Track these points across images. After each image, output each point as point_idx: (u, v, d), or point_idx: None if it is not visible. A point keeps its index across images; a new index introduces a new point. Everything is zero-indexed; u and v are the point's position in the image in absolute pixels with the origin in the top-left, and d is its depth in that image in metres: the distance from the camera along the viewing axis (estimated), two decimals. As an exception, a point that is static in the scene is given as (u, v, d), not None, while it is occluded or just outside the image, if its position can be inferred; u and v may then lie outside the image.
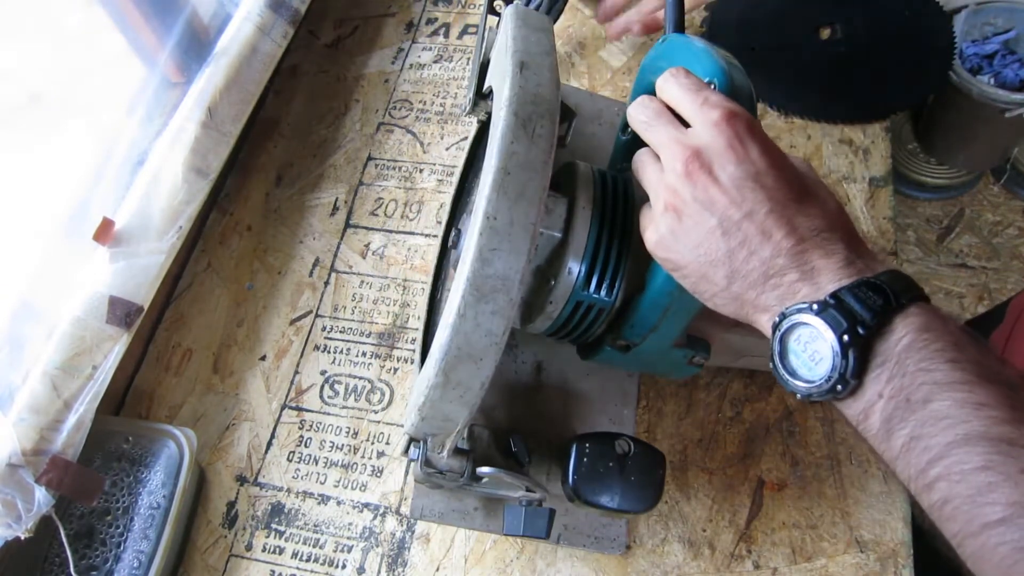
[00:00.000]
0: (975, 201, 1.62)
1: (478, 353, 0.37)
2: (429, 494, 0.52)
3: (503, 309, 0.36)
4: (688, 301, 0.41)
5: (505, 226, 0.36)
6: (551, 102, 0.39)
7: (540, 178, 0.37)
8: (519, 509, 0.47)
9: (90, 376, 0.55)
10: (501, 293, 0.36)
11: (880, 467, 0.56)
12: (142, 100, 0.67)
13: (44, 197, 0.60)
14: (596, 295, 0.44)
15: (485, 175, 0.37)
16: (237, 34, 0.69)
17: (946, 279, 1.53)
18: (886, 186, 0.68)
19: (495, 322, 0.36)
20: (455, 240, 0.48)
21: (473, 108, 0.54)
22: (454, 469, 0.44)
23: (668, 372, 0.51)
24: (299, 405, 0.63)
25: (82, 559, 0.54)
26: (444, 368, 0.37)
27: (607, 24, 0.75)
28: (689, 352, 0.48)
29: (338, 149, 0.77)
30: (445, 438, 0.42)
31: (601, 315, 0.45)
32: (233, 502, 0.59)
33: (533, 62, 0.40)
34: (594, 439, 0.47)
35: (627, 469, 0.46)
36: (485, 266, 0.36)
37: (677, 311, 0.43)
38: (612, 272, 0.43)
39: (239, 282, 0.70)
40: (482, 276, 0.36)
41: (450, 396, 0.38)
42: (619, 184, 0.46)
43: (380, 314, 0.66)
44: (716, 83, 0.40)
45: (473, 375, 0.37)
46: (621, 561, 0.54)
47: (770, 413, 0.59)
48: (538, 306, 0.45)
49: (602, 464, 0.46)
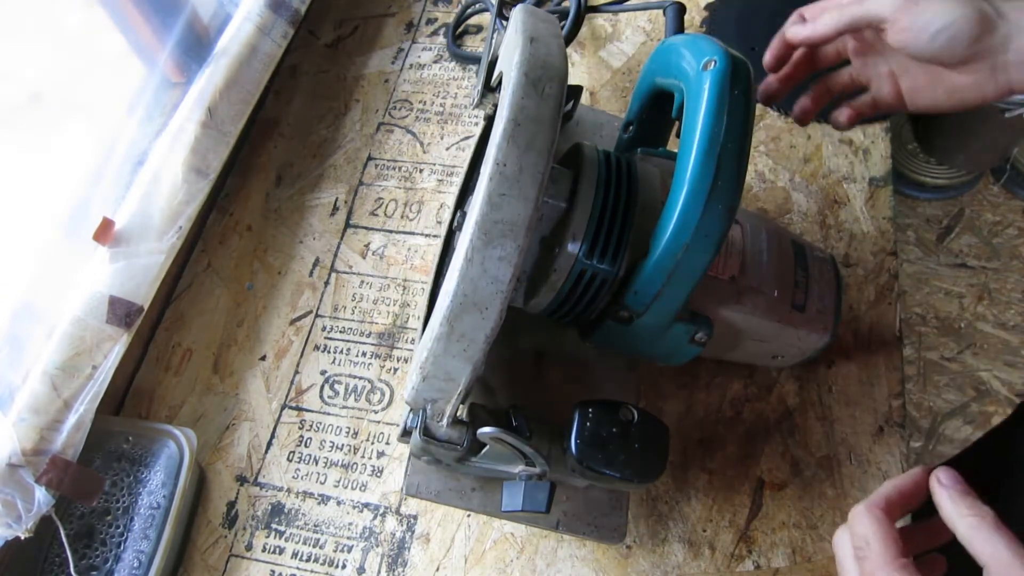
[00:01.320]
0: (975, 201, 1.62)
1: (483, 301, 0.37)
2: (425, 471, 0.52)
3: (510, 255, 0.37)
4: (691, 266, 0.41)
5: (515, 173, 0.37)
6: (560, 68, 0.40)
7: (549, 132, 0.38)
8: (518, 485, 0.46)
9: (90, 376, 0.55)
10: (509, 239, 0.37)
11: (880, 467, 0.56)
12: (142, 100, 0.67)
13: (44, 197, 0.60)
14: (600, 265, 0.44)
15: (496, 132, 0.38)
16: (237, 34, 0.69)
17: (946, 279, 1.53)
18: (886, 186, 0.68)
19: (502, 268, 0.37)
20: (459, 223, 0.48)
21: (481, 101, 0.55)
22: (453, 439, 0.44)
23: (669, 354, 0.50)
24: (299, 405, 0.63)
25: (82, 559, 0.54)
26: (449, 317, 0.37)
27: (803, 110, 0.56)
28: (692, 327, 0.47)
29: (338, 149, 0.77)
30: (445, 404, 0.42)
31: (604, 286, 0.45)
32: (233, 502, 0.59)
33: (542, 38, 0.41)
34: (597, 405, 0.46)
35: (631, 437, 0.45)
36: (494, 211, 0.36)
37: (681, 276, 0.43)
38: (616, 242, 0.44)
39: (239, 282, 0.70)
40: (491, 221, 0.36)
41: (453, 349, 0.38)
42: (623, 162, 0.47)
43: (380, 314, 0.66)
44: (716, 60, 0.41)
45: (478, 326, 0.38)
46: (621, 561, 0.54)
47: (770, 413, 0.59)
48: (541, 277, 0.46)
49: (605, 430, 0.45)
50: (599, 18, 0.81)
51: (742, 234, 0.51)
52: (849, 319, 0.61)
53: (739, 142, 0.41)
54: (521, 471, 0.46)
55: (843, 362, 0.60)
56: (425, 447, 0.44)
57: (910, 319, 1.49)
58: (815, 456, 0.57)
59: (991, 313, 1.49)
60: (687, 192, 0.40)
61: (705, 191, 0.40)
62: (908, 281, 1.53)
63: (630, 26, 0.80)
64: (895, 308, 0.62)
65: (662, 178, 0.48)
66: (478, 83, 0.55)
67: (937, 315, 1.50)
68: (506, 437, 0.43)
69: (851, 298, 0.62)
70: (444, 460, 0.47)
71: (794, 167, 0.69)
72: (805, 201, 0.67)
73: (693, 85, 0.43)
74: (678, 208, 0.40)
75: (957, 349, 1.46)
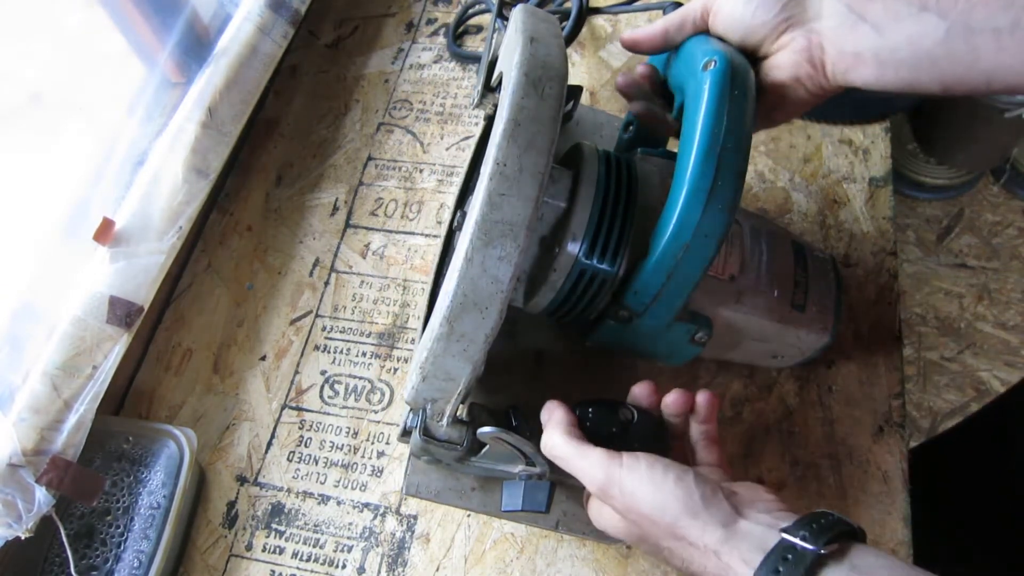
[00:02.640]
0: (975, 201, 1.62)
1: (483, 301, 0.37)
2: (425, 471, 0.52)
3: (510, 255, 0.37)
4: (691, 266, 0.41)
5: (514, 173, 0.37)
6: (560, 69, 0.40)
7: (549, 131, 0.38)
8: (518, 485, 0.46)
9: (90, 376, 0.55)
10: (509, 239, 0.37)
11: (880, 467, 0.56)
12: (142, 100, 0.67)
13: (44, 197, 0.60)
14: (599, 264, 0.44)
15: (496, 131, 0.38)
16: (237, 34, 0.69)
17: (946, 279, 1.53)
18: (886, 186, 0.68)
19: (502, 268, 0.37)
20: (459, 222, 0.48)
21: (481, 101, 0.55)
22: (453, 439, 0.44)
23: (669, 354, 0.50)
24: (299, 405, 0.63)
25: (82, 559, 0.54)
26: (449, 317, 0.37)
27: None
28: (692, 327, 0.47)
29: (338, 149, 0.77)
30: (445, 404, 0.42)
31: (604, 287, 0.45)
32: (233, 502, 0.59)
33: (542, 38, 0.41)
34: (596, 405, 0.46)
35: (631, 437, 0.44)
36: (494, 211, 0.36)
37: (681, 276, 0.43)
38: (616, 242, 0.44)
39: (239, 282, 0.70)
40: (490, 221, 0.36)
41: (453, 349, 0.38)
42: (623, 161, 0.47)
43: (380, 314, 0.66)
44: (716, 60, 0.41)
45: (478, 326, 0.38)
46: (621, 561, 0.54)
47: (770, 413, 0.59)
48: (541, 277, 0.46)
49: (605, 430, 0.44)
50: (599, 18, 0.81)
51: (742, 234, 0.51)
52: (849, 319, 0.61)
53: (739, 142, 0.41)
54: (521, 471, 0.46)
55: (843, 362, 0.60)
56: (425, 447, 0.44)
57: (910, 319, 1.49)
58: (815, 456, 0.57)
59: (991, 313, 1.49)
60: (687, 192, 0.40)
61: (705, 191, 0.40)
62: (908, 281, 1.53)
63: (630, 26, 0.80)
64: (895, 308, 0.62)
65: (662, 178, 0.48)
66: (478, 83, 0.55)
67: (937, 315, 1.50)
68: (506, 437, 0.44)
69: (851, 298, 0.62)
70: (444, 460, 0.47)
71: (794, 167, 0.69)
72: (805, 201, 0.67)
73: (693, 85, 0.43)
74: (678, 208, 0.40)
75: (957, 349, 1.46)
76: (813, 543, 0.33)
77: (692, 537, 0.36)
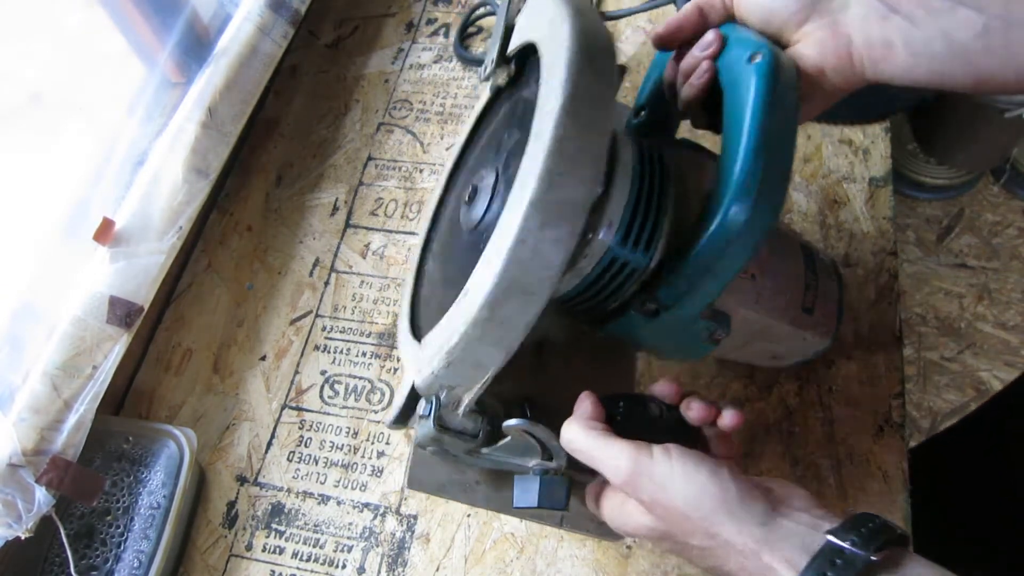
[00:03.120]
0: (975, 201, 1.62)
1: (532, 286, 0.35)
2: (429, 464, 0.49)
3: (565, 239, 0.34)
4: (731, 264, 0.40)
5: (575, 152, 0.34)
6: (610, 44, 0.38)
7: (607, 113, 0.36)
8: (532, 480, 0.44)
9: (90, 376, 0.55)
10: (566, 222, 0.34)
11: (880, 467, 0.56)
12: (142, 100, 0.67)
13: (44, 197, 0.60)
14: (632, 253, 0.42)
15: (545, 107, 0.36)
16: (237, 34, 0.69)
17: (946, 279, 1.53)
18: (886, 186, 0.68)
19: (555, 252, 0.34)
20: (471, 196, 0.45)
21: (493, 72, 0.53)
22: (468, 429, 0.42)
23: (682, 350, 0.49)
24: (299, 405, 0.63)
25: (82, 559, 0.54)
26: (492, 302, 0.34)
27: None
28: (712, 325, 0.46)
29: (338, 149, 0.77)
30: (464, 392, 0.40)
31: (632, 277, 0.43)
32: (233, 502, 0.59)
33: (586, 12, 0.39)
34: (625, 399, 0.44)
35: (659, 432, 0.42)
36: (551, 190, 0.33)
37: (719, 272, 0.41)
38: (651, 232, 0.42)
39: (239, 282, 0.70)
40: (547, 201, 0.33)
41: (490, 336, 0.36)
42: (655, 151, 0.45)
43: (380, 314, 0.66)
44: (763, 53, 0.40)
45: (520, 312, 0.35)
46: (621, 561, 0.54)
47: (770, 413, 0.59)
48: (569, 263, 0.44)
49: (636, 423, 0.42)
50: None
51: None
52: (849, 319, 0.61)
53: (786, 139, 0.40)
54: (536, 465, 0.44)
55: (843, 362, 0.60)
56: (437, 436, 0.42)
57: (910, 319, 1.48)
58: (815, 456, 0.57)
59: (991, 313, 1.49)
60: (735, 188, 0.39)
61: (754, 189, 0.39)
62: (908, 281, 1.52)
63: (630, 26, 0.80)
64: (895, 308, 0.62)
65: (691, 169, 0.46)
66: (491, 52, 0.51)
67: (937, 315, 1.49)
68: (534, 430, 0.42)
69: (851, 298, 0.62)
70: (453, 451, 0.44)
71: (794, 167, 0.69)
72: (805, 201, 0.67)
73: (736, 77, 0.41)
74: (724, 204, 0.39)
75: (957, 349, 1.46)
76: (863, 548, 0.32)
77: (728, 535, 0.35)
